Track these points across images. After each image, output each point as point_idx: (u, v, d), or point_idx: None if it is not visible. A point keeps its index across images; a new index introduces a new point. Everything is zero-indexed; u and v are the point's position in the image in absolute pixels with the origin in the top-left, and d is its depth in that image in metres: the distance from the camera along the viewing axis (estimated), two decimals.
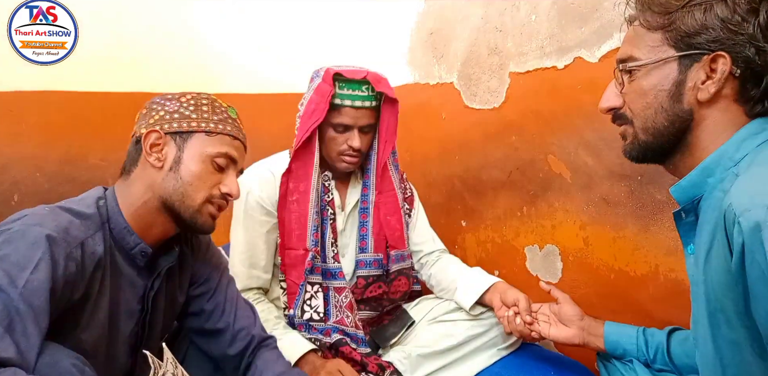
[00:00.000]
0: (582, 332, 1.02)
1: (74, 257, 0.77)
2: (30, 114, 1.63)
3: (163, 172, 0.88)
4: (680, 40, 0.67)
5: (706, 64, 0.66)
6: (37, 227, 0.74)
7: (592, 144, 1.21)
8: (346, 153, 1.28)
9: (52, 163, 1.66)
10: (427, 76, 1.84)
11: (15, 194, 1.62)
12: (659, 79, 0.69)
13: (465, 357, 1.27)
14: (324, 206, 1.32)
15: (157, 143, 0.88)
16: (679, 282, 1.04)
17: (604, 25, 1.15)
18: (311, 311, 1.27)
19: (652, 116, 0.71)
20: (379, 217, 1.37)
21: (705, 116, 0.68)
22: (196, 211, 0.89)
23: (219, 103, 0.94)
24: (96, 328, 0.82)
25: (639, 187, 1.11)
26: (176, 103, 0.90)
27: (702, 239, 0.66)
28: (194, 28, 1.86)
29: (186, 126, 0.89)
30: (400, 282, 1.39)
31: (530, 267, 1.44)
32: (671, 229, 1.05)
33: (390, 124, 1.33)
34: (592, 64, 1.19)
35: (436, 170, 1.83)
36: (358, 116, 1.26)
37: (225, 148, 0.90)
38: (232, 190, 0.91)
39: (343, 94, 1.25)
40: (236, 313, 1.05)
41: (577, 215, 1.28)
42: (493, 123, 1.53)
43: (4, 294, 0.67)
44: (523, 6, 1.38)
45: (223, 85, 1.88)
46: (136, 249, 0.88)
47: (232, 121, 0.94)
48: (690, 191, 0.70)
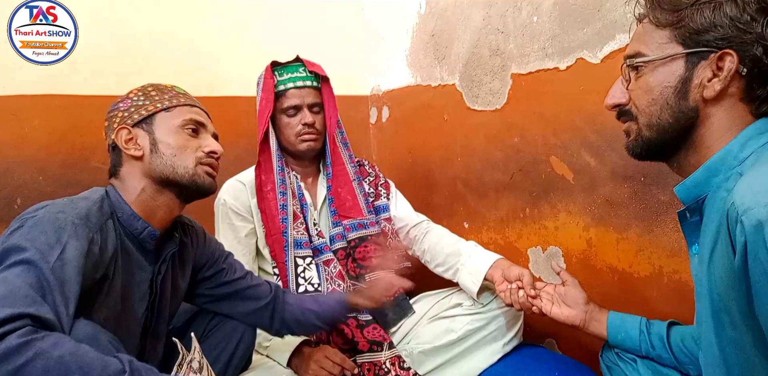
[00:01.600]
0: (584, 315, 1.02)
1: (96, 241, 0.83)
2: (33, 118, 1.64)
3: (147, 158, 0.95)
4: (688, 37, 0.67)
5: (713, 61, 0.66)
6: (61, 213, 0.80)
7: (594, 145, 1.21)
8: (303, 132, 1.40)
9: (55, 167, 1.66)
10: (428, 77, 1.84)
11: (18, 198, 1.63)
12: (665, 76, 0.69)
13: (467, 352, 1.28)
14: (300, 198, 1.44)
15: (130, 138, 0.95)
16: (682, 284, 1.04)
17: (605, 26, 1.15)
18: (305, 284, 1.35)
19: (657, 113, 0.71)
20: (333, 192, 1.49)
21: (710, 114, 0.68)
22: (192, 174, 0.96)
23: (163, 85, 1.02)
24: (109, 309, 0.87)
25: (642, 188, 1.11)
26: (127, 101, 0.98)
27: (706, 238, 0.66)
28: (194, 30, 1.86)
29: (145, 112, 0.96)
30: (366, 249, 1.45)
31: (533, 269, 1.44)
32: (675, 230, 1.05)
33: (330, 102, 1.44)
34: (594, 65, 1.19)
35: (438, 172, 1.83)
36: (303, 95, 1.40)
37: (188, 116, 0.97)
38: (214, 147, 0.98)
39: (283, 79, 1.40)
40: (251, 275, 1.17)
41: (580, 216, 1.28)
42: (495, 124, 1.53)
43: (37, 269, 0.72)
44: (524, 7, 1.38)
45: (223, 88, 1.88)
46: (144, 233, 0.94)
47: (182, 95, 1.01)
48: (694, 191, 0.70)
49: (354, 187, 1.50)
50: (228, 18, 1.93)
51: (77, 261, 0.76)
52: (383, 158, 2.18)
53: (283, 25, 2.01)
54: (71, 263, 0.75)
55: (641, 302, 1.13)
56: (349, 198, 1.48)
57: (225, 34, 1.92)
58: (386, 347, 1.32)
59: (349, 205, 1.47)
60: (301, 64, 1.42)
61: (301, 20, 2.04)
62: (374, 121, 2.21)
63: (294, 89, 1.39)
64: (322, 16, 2.07)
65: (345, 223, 1.46)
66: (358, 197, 1.49)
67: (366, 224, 1.47)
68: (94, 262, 0.81)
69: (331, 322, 1.21)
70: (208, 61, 1.88)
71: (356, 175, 1.52)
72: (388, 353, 1.32)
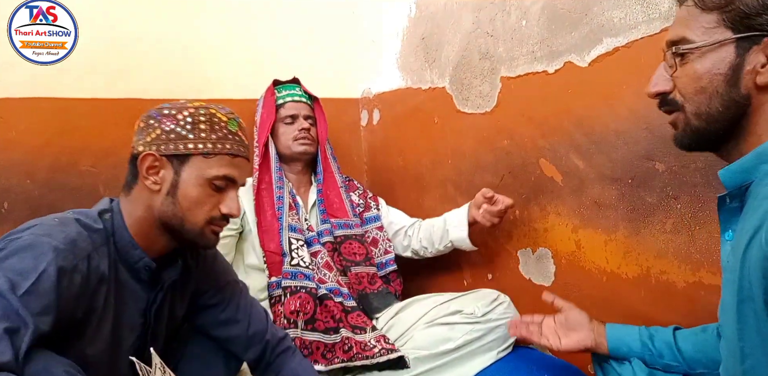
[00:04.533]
0: (592, 333, 0.99)
1: (80, 270, 0.77)
2: (20, 121, 1.62)
3: (161, 196, 0.87)
4: (739, 21, 0.63)
5: (766, 46, 0.63)
6: (46, 237, 0.75)
7: (583, 148, 1.22)
8: (299, 137, 1.63)
9: (43, 171, 1.65)
10: (419, 80, 1.85)
11: (5, 202, 1.61)
12: (715, 63, 0.66)
13: (461, 359, 1.28)
14: (293, 199, 1.63)
15: (154, 166, 0.86)
16: (670, 284, 1.05)
17: (593, 30, 1.16)
18: (299, 258, 1.50)
19: (706, 101, 0.67)
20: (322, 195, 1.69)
21: (763, 101, 0.65)
22: (198, 233, 0.89)
23: (218, 117, 0.89)
24: (100, 341, 0.83)
25: (629, 190, 1.12)
26: (173, 122, 0.87)
27: (746, 225, 0.63)
28: (187, 34, 1.86)
29: (183, 148, 0.86)
30: (352, 245, 1.62)
31: (523, 271, 1.44)
32: (662, 231, 1.06)
33: (321, 118, 1.73)
34: (582, 69, 1.20)
35: (428, 174, 1.84)
36: (299, 107, 1.68)
37: (224, 171, 0.88)
38: (233, 210, 0.90)
39: (283, 94, 1.70)
40: (250, 321, 1.07)
41: (569, 218, 1.29)
42: (485, 127, 1.54)
43: (4, 300, 0.67)
44: (513, 11, 1.39)
45: (216, 91, 1.88)
46: (140, 263, 0.88)
47: (232, 136, 0.90)
48: (740, 177, 0.66)
49: (341, 192, 1.70)
50: (222, 23, 1.92)
51: (53, 293, 0.71)
52: (374, 161, 2.18)
53: (275, 27, 2.01)
54: (44, 294, 0.70)
55: (629, 302, 1.14)
56: (336, 201, 1.67)
57: (218, 37, 1.91)
58: (369, 330, 1.39)
59: (336, 206, 1.66)
60: (297, 84, 1.75)
61: (292, 23, 2.04)
62: (365, 124, 2.21)
63: (292, 102, 1.68)
64: (314, 19, 2.07)
65: (332, 221, 1.63)
66: (344, 201, 1.69)
67: (351, 224, 1.65)
68: (75, 292, 0.76)
69: None
70: (200, 63, 1.87)
71: (344, 185, 1.73)
72: (372, 334, 1.37)
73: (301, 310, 1.40)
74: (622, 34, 1.09)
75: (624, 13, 1.08)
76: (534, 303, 1.32)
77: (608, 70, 1.14)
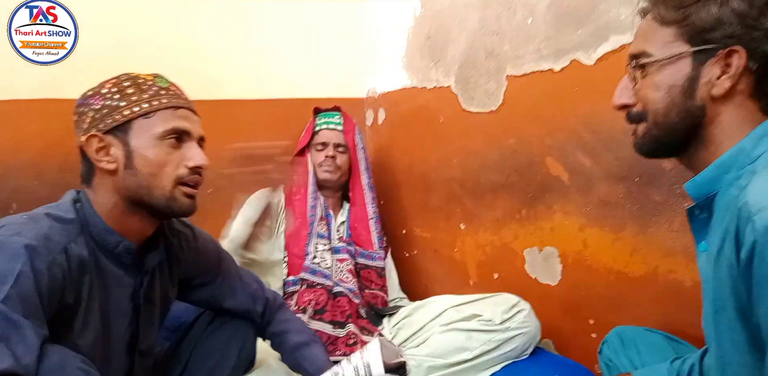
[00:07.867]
0: None
1: (59, 263, 0.75)
2: (29, 122, 1.64)
3: (120, 173, 0.84)
4: (695, 35, 0.66)
5: (721, 59, 0.65)
6: (16, 236, 0.72)
7: (589, 146, 1.22)
8: (324, 163, 1.71)
9: (52, 171, 1.66)
10: (424, 79, 1.85)
11: (14, 203, 1.62)
12: (672, 75, 0.68)
13: (475, 368, 1.26)
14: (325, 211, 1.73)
15: (101, 147, 0.83)
16: (677, 283, 1.04)
17: (599, 28, 1.15)
18: (321, 259, 1.58)
19: (663, 111, 0.69)
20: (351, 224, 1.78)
21: (719, 112, 0.67)
22: (169, 198, 0.85)
23: (143, 78, 0.87)
24: (91, 331, 0.82)
25: (637, 188, 1.11)
26: (99, 99, 0.84)
27: (715, 236, 0.65)
28: (189, 34, 1.86)
29: (120, 117, 0.83)
30: (370, 274, 1.69)
31: (529, 270, 1.44)
32: (669, 230, 1.05)
33: (354, 149, 1.77)
34: (588, 67, 1.19)
35: (434, 174, 1.83)
36: (330, 136, 1.74)
37: (171, 124, 0.84)
38: (199, 161, 0.85)
39: (320, 122, 1.77)
40: (238, 294, 1.10)
41: (575, 216, 1.28)
42: (491, 126, 1.54)
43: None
44: (519, 9, 1.39)
45: (221, 91, 1.88)
46: (119, 248, 0.85)
47: (165, 91, 0.86)
48: (705, 188, 0.68)
49: (370, 224, 1.76)
50: (226, 23, 1.92)
51: (34, 292, 0.69)
52: (380, 161, 2.18)
53: (279, 27, 2.01)
54: (27, 294, 0.69)
55: (637, 302, 1.14)
56: (363, 233, 1.75)
57: (221, 36, 1.92)
58: (376, 335, 1.44)
59: (363, 238, 1.74)
60: (337, 112, 1.80)
61: (297, 23, 2.04)
62: (370, 124, 2.21)
63: (326, 130, 1.75)
64: (319, 18, 2.08)
65: (357, 248, 1.71)
66: (372, 234, 1.75)
67: (374, 256, 1.73)
68: (58, 287, 0.74)
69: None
70: (202, 63, 1.87)
71: (375, 215, 1.77)
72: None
73: (314, 299, 1.50)
74: (629, 31, 1.08)
75: (630, 10, 1.07)
76: (540, 303, 1.32)
77: (615, 68, 1.12)
